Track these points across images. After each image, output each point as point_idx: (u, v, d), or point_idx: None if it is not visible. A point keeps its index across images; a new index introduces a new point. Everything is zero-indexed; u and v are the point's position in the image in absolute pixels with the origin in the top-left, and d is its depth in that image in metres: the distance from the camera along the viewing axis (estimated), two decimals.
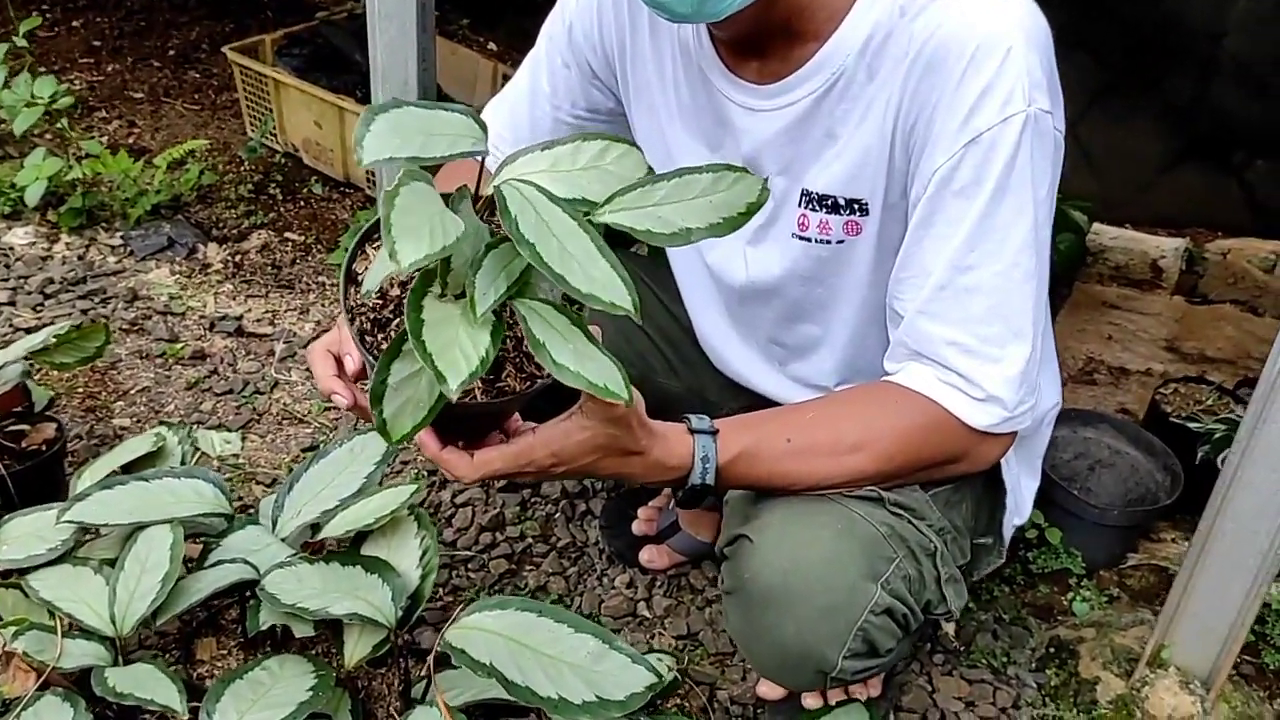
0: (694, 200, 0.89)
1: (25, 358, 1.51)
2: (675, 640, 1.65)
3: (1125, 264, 2.70)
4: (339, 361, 1.04)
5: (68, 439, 1.88)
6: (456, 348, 0.80)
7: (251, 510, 1.70)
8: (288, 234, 2.58)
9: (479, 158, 0.87)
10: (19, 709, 1.16)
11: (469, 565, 1.75)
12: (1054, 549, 1.76)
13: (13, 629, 1.21)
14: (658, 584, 1.75)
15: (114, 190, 2.55)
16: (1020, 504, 1.32)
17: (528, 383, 0.94)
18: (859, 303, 1.21)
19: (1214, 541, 1.42)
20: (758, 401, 1.39)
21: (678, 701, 1.53)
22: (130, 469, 1.42)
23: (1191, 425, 1.82)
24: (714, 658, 1.62)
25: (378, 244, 0.94)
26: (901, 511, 1.13)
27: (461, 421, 1.00)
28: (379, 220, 0.85)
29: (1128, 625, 1.66)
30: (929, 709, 1.55)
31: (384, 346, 0.91)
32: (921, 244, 1.08)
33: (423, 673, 1.38)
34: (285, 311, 2.30)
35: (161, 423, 1.87)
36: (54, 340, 1.51)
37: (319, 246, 2.54)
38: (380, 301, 0.93)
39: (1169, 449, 1.82)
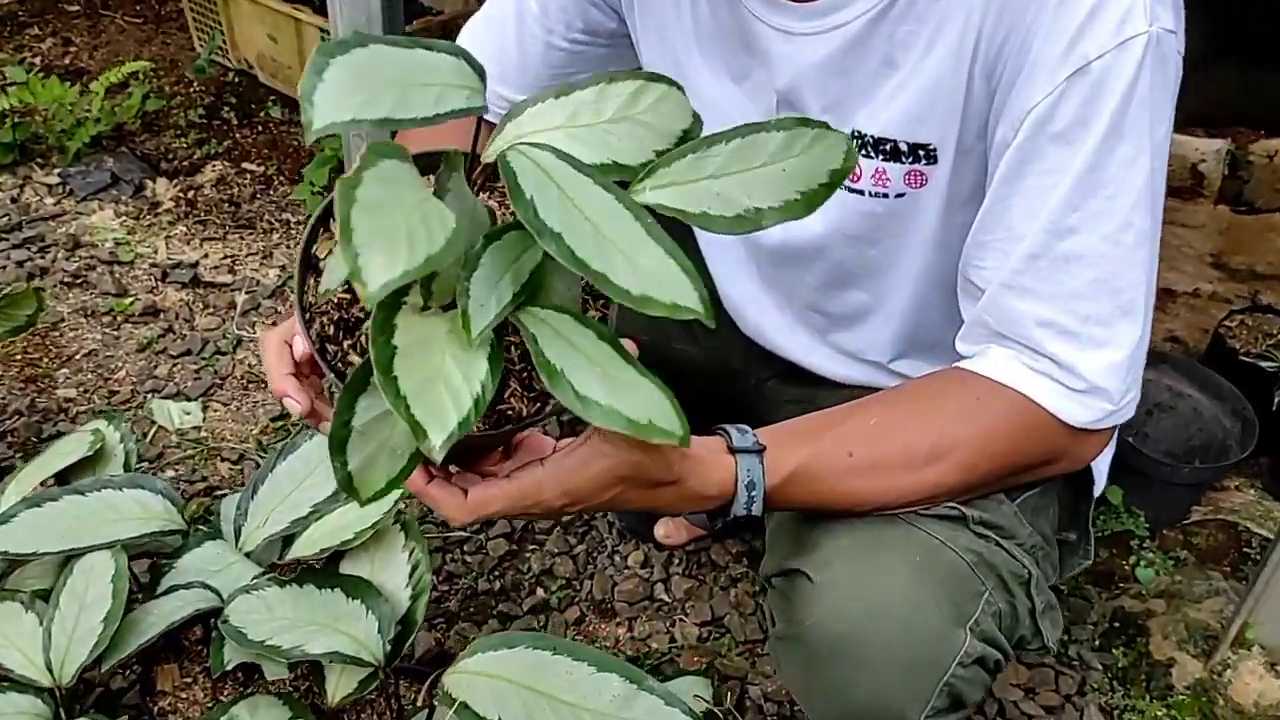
0: (762, 169, 0.66)
1: None
2: (699, 627, 1.48)
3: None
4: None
5: (7, 415, 1.68)
6: (441, 383, 0.58)
7: (215, 504, 1.50)
8: (245, 164, 2.33)
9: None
10: None
11: (464, 548, 1.57)
12: (1114, 509, 1.59)
13: None
14: (676, 561, 1.57)
15: (49, 121, 2.29)
16: (1100, 477, 1.12)
17: (537, 404, 0.72)
18: (921, 267, 1.00)
19: None
20: (792, 370, 1.19)
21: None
22: (64, 476, 1.22)
23: (1265, 365, 1.64)
24: (743, 647, 1.46)
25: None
26: (988, 532, 0.93)
27: (453, 452, 0.79)
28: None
29: (1201, 596, 1.49)
30: (985, 700, 1.39)
31: (350, 360, 0.70)
32: (1009, 201, 0.86)
33: (418, 700, 1.20)
34: (246, 256, 2.07)
35: (99, 412, 1.66)
36: None
37: (280, 178, 2.29)
38: (348, 295, 0.71)
39: (1238, 391, 1.63)
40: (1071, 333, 0.85)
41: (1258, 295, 2.07)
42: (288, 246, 2.10)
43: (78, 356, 1.81)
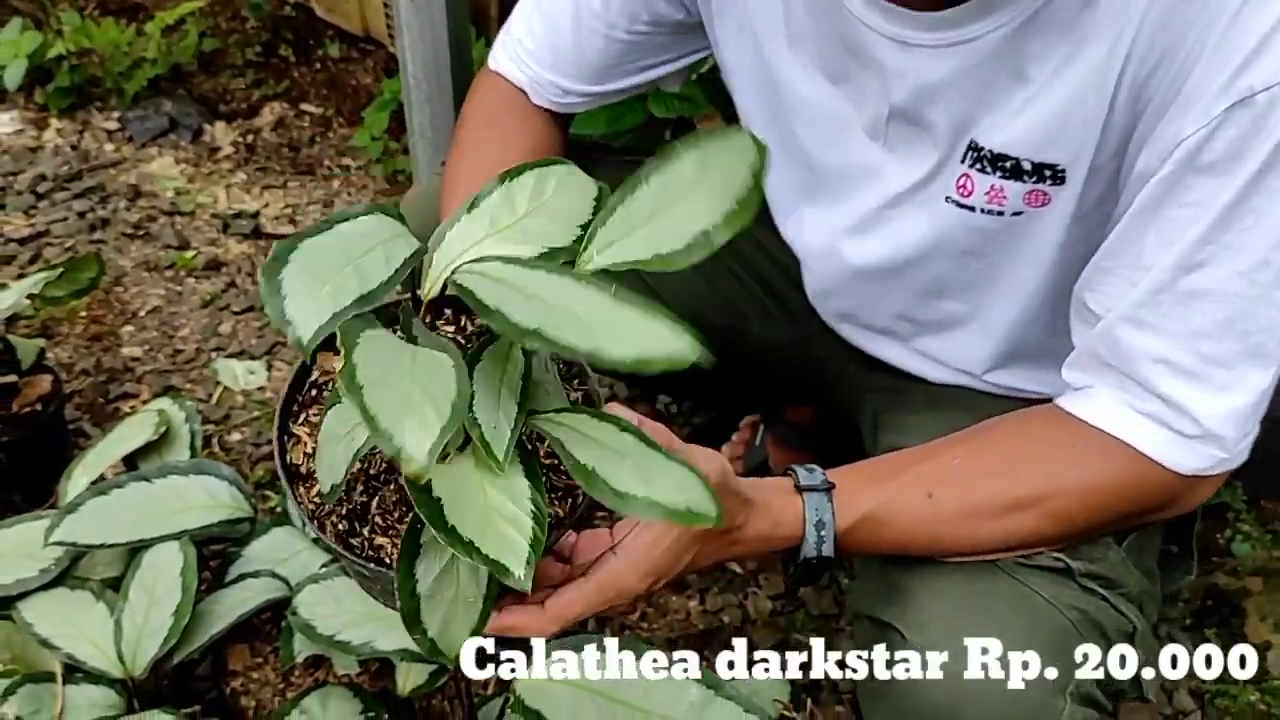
0: (690, 196, 0.64)
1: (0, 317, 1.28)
2: (772, 601, 1.45)
3: None
4: None
5: (73, 376, 1.67)
6: (496, 517, 0.60)
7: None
8: (303, 105, 2.28)
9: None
10: None
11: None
12: None
13: (3, 684, 1.01)
14: None
15: (105, 63, 2.25)
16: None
17: (568, 501, 0.75)
18: (1031, 282, 0.92)
19: None
20: (877, 361, 1.12)
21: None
22: (131, 459, 1.21)
23: None
24: (816, 621, 1.42)
25: (303, 421, 0.74)
26: (1095, 585, 0.86)
27: None
28: (293, 386, 0.73)
29: None
30: None
31: (378, 544, 0.70)
32: (1142, 230, 0.78)
33: (488, 689, 1.19)
34: (307, 205, 2.03)
35: (164, 372, 1.65)
36: (28, 302, 1.27)
37: (339, 120, 2.24)
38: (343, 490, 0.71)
39: None
40: (1190, 373, 0.78)
41: None
42: (348, 195, 2.06)
43: (141, 313, 1.80)
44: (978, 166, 0.85)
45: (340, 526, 0.71)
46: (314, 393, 0.74)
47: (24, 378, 1.45)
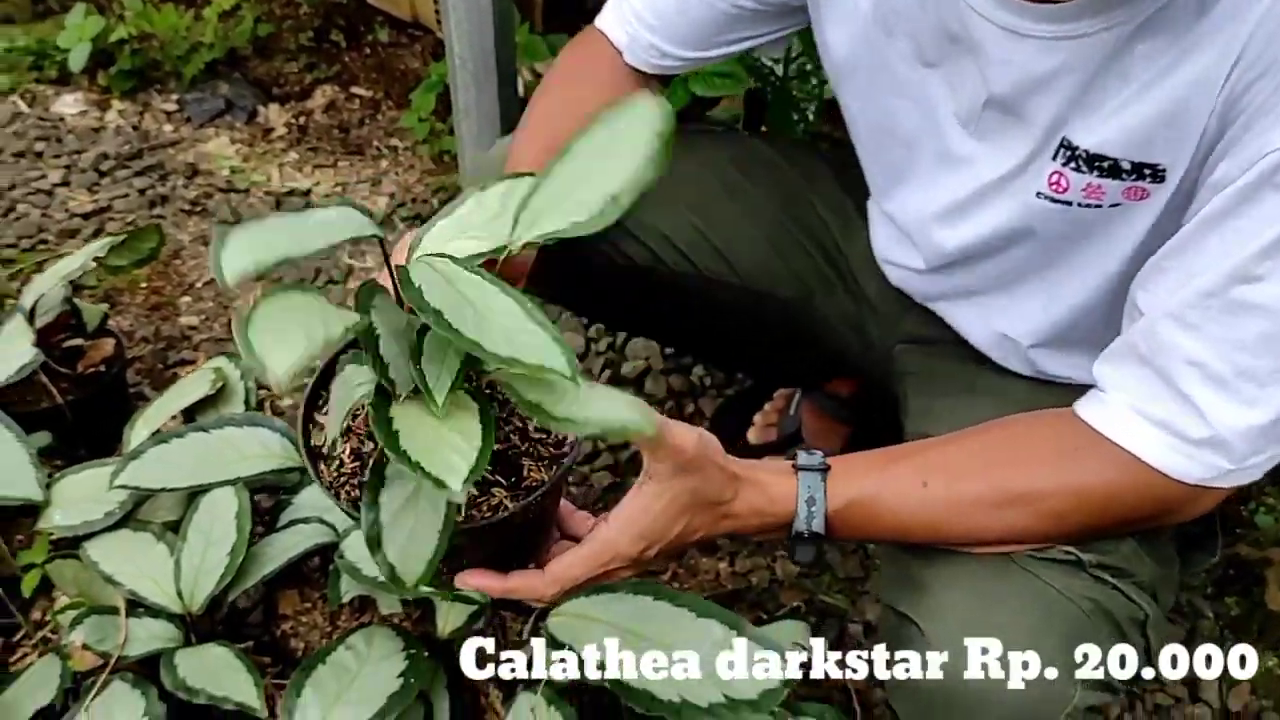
0: (604, 166, 0.71)
1: (70, 280, 1.35)
2: (799, 565, 1.49)
3: None
4: None
5: (134, 342, 1.75)
6: (445, 446, 0.68)
7: None
8: (354, 89, 2.36)
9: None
10: (88, 698, 1.05)
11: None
12: None
13: (69, 615, 1.09)
14: None
15: (165, 47, 2.33)
16: None
17: (554, 466, 0.82)
18: (1106, 274, 0.93)
19: None
20: (923, 339, 1.16)
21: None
22: (189, 413, 1.28)
23: None
24: (842, 584, 1.47)
25: (324, 409, 0.86)
26: (1106, 575, 0.89)
27: (507, 543, 0.87)
28: (316, 383, 0.87)
29: None
30: None
31: None
32: (1206, 235, 0.79)
33: (524, 633, 1.24)
34: (356, 184, 2.10)
35: (219, 341, 1.72)
36: (94, 265, 1.34)
37: (388, 103, 2.31)
38: (356, 464, 0.82)
39: None
40: (1221, 381, 0.79)
41: None
42: (396, 174, 2.13)
43: (198, 285, 1.88)
44: (1072, 165, 0.86)
45: (354, 495, 0.79)
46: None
47: (89, 341, 1.53)
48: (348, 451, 0.83)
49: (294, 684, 1.07)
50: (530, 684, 1.10)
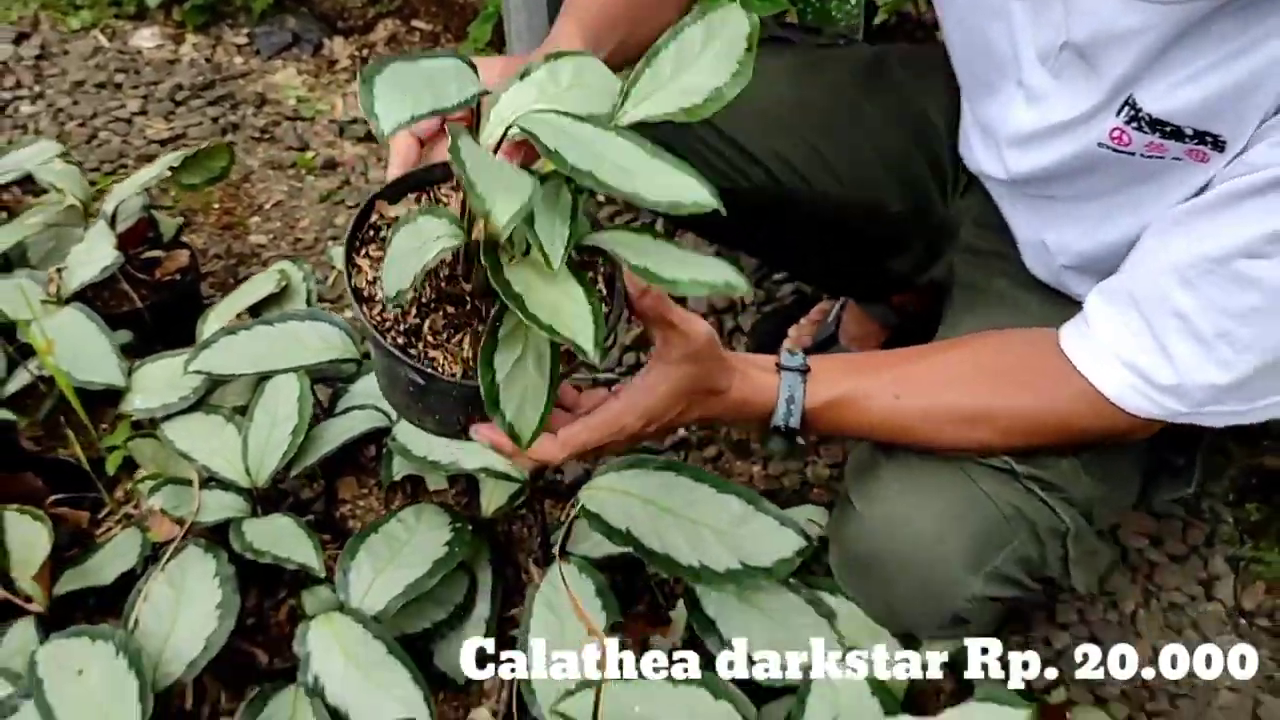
0: (700, 61, 0.76)
1: (146, 190, 1.46)
2: (830, 468, 1.56)
3: None
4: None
5: (207, 259, 1.86)
6: (567, 307, 0.71)
7: None
8: (414, 22, 2.43)
9: None
10: (165, 559, 1.16)
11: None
12: None
13: (149, 484, 1.20)
14: None
15: None
16: None
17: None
18: (1151, 218, 0.95)
19: None
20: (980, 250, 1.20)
21: None
22: (255, 310, 1.37)
23: None
24: None
25: (363, 251, 0.84)
26: (1035, 487, 0.97)
27: None
28: (355, 224, 0.84)
29: None
30: (1110, 544, 1.43)
31: (431, 355, 0.81)
32: (1230, 206, 0.83)
33: (563, 517, 1.33)
34: None
35: (281, 250, 1.82)
36: (169, 173, 1.44)
37: (447, 35, 2.39)
38: (399, 311, 0.82)
39: None
40: (1201, 339, 0.85)
41: None
42: None
43: (267, 206, 1.98)
44: (1134, 125, 0.89)
45: (399, 341, 0.81)
46: (372, 233, 0.85)
47: (165, 253, 1.64)
48: (379, 294, 0.84)
49: (349, 549, 1.17)
50: (565, 555, 1.19)
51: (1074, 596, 1.38)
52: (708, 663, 1.08)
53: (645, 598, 1.30)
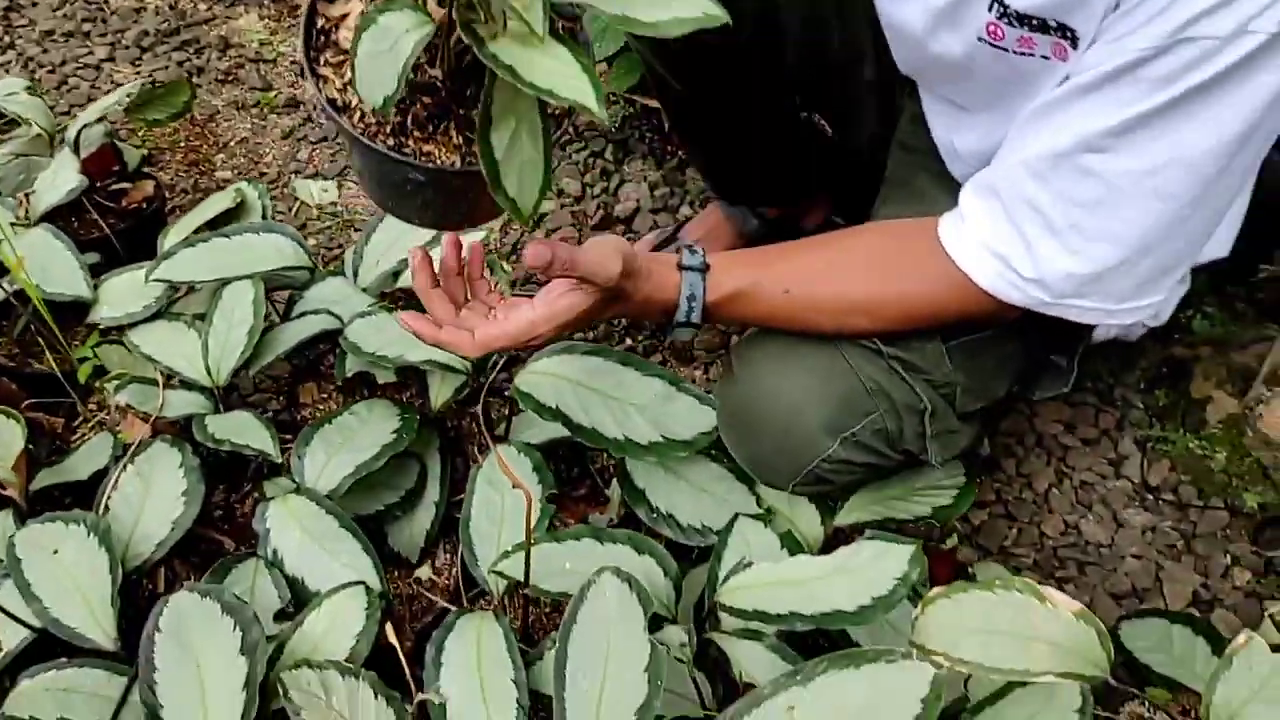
0: None
1: (110, 120, 1.53)
2: (677, 343, 1.64)
3: None
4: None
5: (174, 194, 1.93)
6: (559, 76, 0.69)
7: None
8: None
9: None
10: (132, 453, 1.25)
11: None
12: None
13: (115, 383, 1.28)
14: None
15: None
16: (1162, 314, 1.16)
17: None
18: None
19: None
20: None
21: None
22: (214, 225, 1.45)
23: None
24: None
25: (322, 61, 0.82)
26: (898, 368, 1.06)
27: (454, 191, 0.88)
28: (306, 40, 0.83)
29: (1249, 342, 1.56)
30: (1025, 432, 1.52)
31: (425, 149, 0.81)
32: (1072, 103, 0.91)
33: (507, 411, 1.42)
34: None
35: (249, 178, 1.89)
36: (128, 100, 1.51)
37: None
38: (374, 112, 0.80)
39: None
40: (1053, 228, 0.93)
41: None
42: None
43: (232, 144, 2.05)
44: (1005, 20, 0.95)
45: (389, 143, 0.79)
46: (323, 39, 0.83)
47: (131, 184, 1.72)
48: (355, 100, 0.82)
49: (304, 437, 1.26)
50: (504, 439, 1.28)
51: (993, 477, 1.47)
52: (649, 533, 1.17)
53: (586, 482, 1.39)
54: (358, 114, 0.81)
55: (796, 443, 1.07)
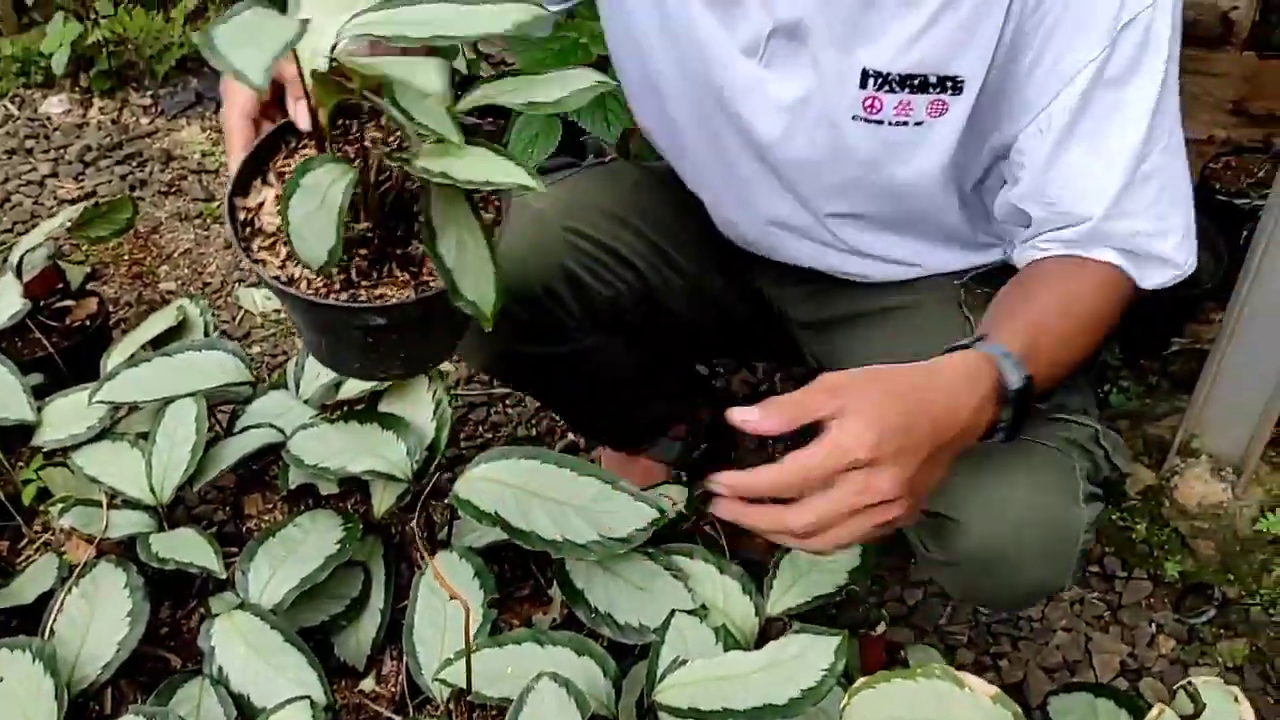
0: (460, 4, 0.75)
1: (53, 237, 1.56)
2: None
3: (1194, 20, 2.50)
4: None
5: (119, 307, 1.96)
6: (489, 166, 0.74)
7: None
8: None
9: None
10: (77, 575, 1.26)
11: (507, 401, 1.80)
12: None
13: (59, 506, 1.29)
14: None
15: (139, 48, 2.54)
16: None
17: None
18: (926, 183, 1.07)
19: (1243, 321, 1.39)
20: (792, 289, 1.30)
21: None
22: (157, 343, 1.48)
23: (1238, 201, 1.73)
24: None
25: (256, 246, 0.85)
26: (1057, 415, 1.04)
27: (427, 325, 0.88)
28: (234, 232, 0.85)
29: (1163, 415, 1.63)
30: None
31: (377, 293, 0.82)
32: (1087, 147, 0.97)
33: (449, 515, 1.45)
34: None
35: (189, 295, 1.93)
36: (72, 222, 1.55)
37: None
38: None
39: (1215, 227, 1.73)
40: (1154, 233, 0.99)
41: (1271, 138, 2.13)
42: None
43: (175, 255, 2.09)
44: (885, 88, 0.98)
45: (342, 298, 0.81)
46: (249, 229, 0.86)
47: (75, 301, 1.75)
48: (298, 272, 0.83)
49: (248, 551, 1.28)
50: (447, 544, 1.31)
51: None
52: (589, 633, 1.19)
53: (529, 582, 1.42)
54: (303, 283, 0.82)
55: (1060, 533, 0.99)
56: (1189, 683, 1.00)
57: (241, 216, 0.86)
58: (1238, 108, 2.30)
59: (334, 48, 0.74)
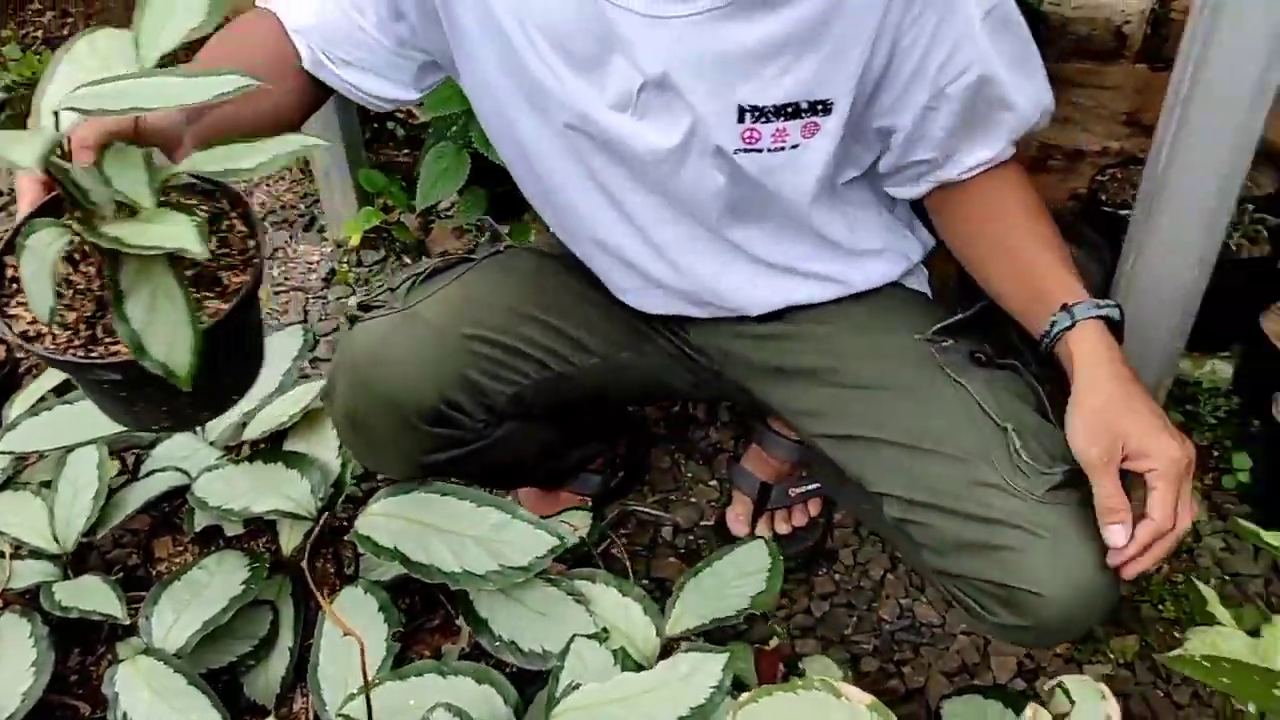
0: (173, 79, 0.76)
1: None
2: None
3: (1088, 34, 2.58)
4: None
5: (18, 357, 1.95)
6: (167, 230, 0.74)
7: None
8: None
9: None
10: None
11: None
12: None
13: None
14: None
15: None
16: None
17: (247, 268, 0.86)
18: (809, 196, 1.12)
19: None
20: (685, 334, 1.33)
21: (625, 539, 1.61)
22: (61, 391, 1.48)
23: (1123, 213, 1.80)
24: (659, 494, 1.69)
25: (14, 304, 0.84)
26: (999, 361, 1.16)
27: (233, 344, 0.87)
28: None
29: None
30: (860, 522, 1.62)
31: (113, 348, 0.81)
32: (967, 133, 1.07)
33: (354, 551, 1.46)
34: None
35: None
36: None
37: None
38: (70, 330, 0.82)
39: (1102, 238, 1.80)
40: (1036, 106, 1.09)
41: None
42: (266, 185, 2.34)
43: None
44: (761, 119, 1.02)
45: (79, 353, 0.81)
46: (14, 285, 0.84)
47: None
48: (45, 329, 0.83)
49: (152, 596, 1.29)
50: (354, 578, 1.32)
51: (832, 568, 1.56)
52: (496, 661, 1.22)
53: (439, 612, 1.44)
54: (49, 338, 0.83)
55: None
56: (1060, 681, 1.04)
57: (10, 273, 0.87)
58: (1131, 119, 2.38)
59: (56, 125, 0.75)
